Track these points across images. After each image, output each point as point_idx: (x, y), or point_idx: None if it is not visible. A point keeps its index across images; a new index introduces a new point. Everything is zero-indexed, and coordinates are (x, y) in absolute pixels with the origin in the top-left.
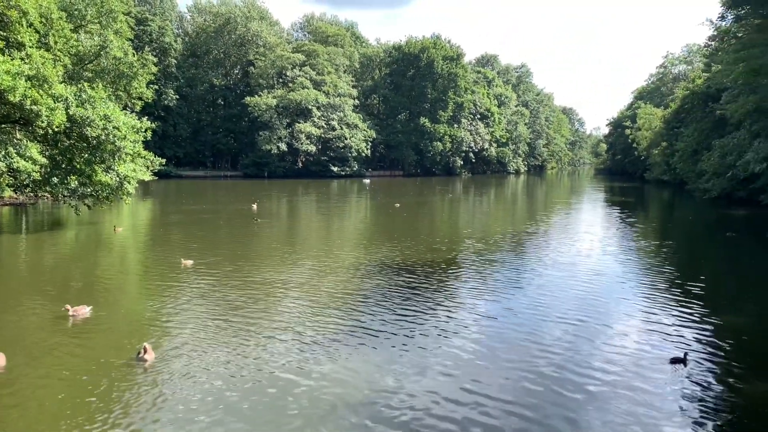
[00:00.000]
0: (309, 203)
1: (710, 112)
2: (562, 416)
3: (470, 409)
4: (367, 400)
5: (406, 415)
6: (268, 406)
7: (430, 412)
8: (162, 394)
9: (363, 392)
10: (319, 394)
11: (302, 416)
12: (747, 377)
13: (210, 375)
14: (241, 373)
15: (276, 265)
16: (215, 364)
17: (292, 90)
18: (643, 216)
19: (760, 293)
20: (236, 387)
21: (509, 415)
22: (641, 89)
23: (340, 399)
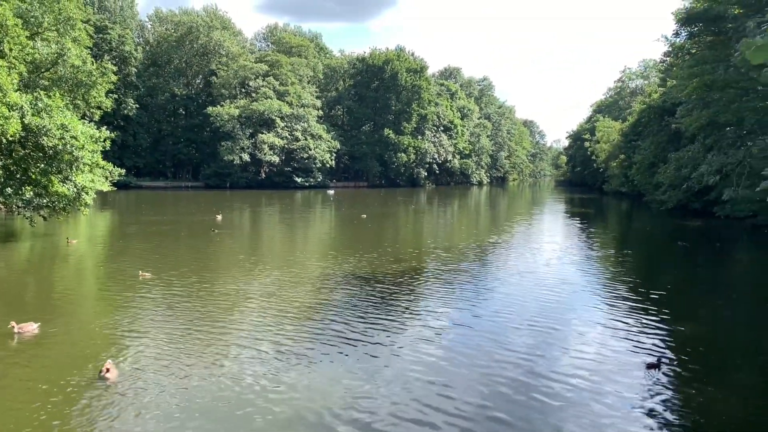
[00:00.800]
0: (272, 214)
1: (666, 126)
2: (529, 421)
3: (438, 415)
4: (334, 411)
5: (375, 423)
6: (233, 420)
7: (397, 420)
8: (125, 414)
9: (329, 403)
10: (285, 406)
11: (268, 429)
12: (703, 381)
13: (174, 391)
14: (207, 387)
15: (239, 277)
16: (179, 379)
17: (255, 100)
18: (603, 227)
19: (712, 300)
20: (202, 402)
21: (478, 420)
22: (600, 103)
23: (307, 410)
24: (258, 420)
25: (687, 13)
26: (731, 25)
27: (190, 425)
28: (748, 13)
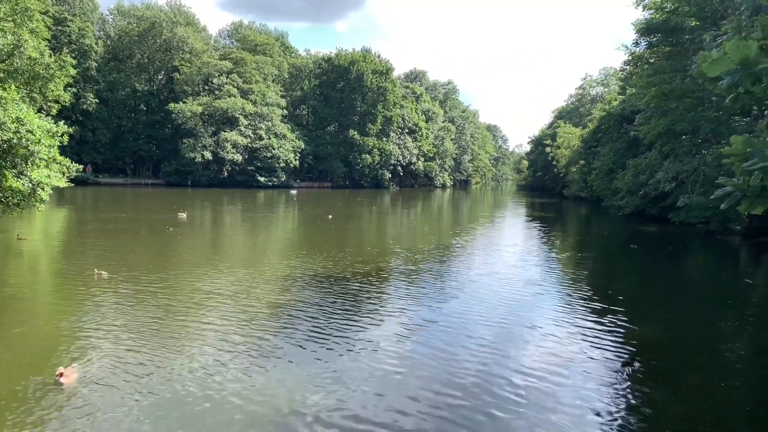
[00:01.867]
0: (235, 213)
1: (625, 133)
2: (491, 420)
3: (399, 416)
4: (297, 410)
5: (337, 422)
6: (196, 420)
7: (360, 418)
8: (81, 420)
9: (292, 402)
10: (248, 405)
11: (230, 429)
12: (657, 382)
13: (134, 393)
14: (168, 388)
15: (200, 276)
16: (138, 381)
17: (218, 98)
18: (562, 231)
19: (666, 302)
20: (163, 403)
21: (437, 418)
22: (561, 109)
23: (270, 410)
24: (221, 420)
25: (646, 24)
26: (688, 36)
27: (150, 427)
28: (704, 26)
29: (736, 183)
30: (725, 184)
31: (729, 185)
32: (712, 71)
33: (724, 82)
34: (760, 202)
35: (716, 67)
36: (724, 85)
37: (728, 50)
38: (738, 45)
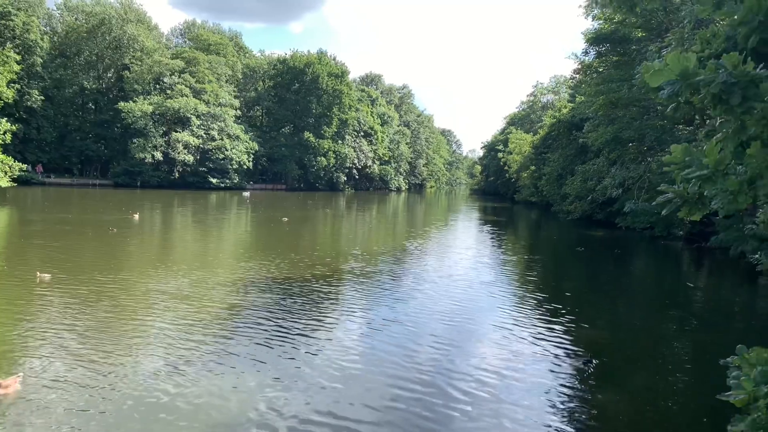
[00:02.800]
0: (186, 215)
1: (574, 140)
2: (446, 416)
3: (357, 415)
4: (248, 415)
5: (292, 427)
6: (148, 428)
7: (316, 422)
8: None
9: (247, 406)
10: (199, 411)
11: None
12: (603, 382)
13: (80, 401)
14: (115, 396)
15: (149, 279)
16: (84, 388)
17: (170, 97)
18: (514, 234)
19: (612, 304)
20: (111, 411)
21: (396, 419)
22: (513, 115)
23: (221, 415)
24: (176, 423)
25: (595, 34)
26: (635, 47)
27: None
28: (650, 37)
29: (676, 190)
30: (666, 191)
31: (670, 192)
32: (654, 81)
33: (664, 92)
34: (698, 208)
35: (657, 77)
36: (665, 95)
37: (669, 62)
38: (678, 57)
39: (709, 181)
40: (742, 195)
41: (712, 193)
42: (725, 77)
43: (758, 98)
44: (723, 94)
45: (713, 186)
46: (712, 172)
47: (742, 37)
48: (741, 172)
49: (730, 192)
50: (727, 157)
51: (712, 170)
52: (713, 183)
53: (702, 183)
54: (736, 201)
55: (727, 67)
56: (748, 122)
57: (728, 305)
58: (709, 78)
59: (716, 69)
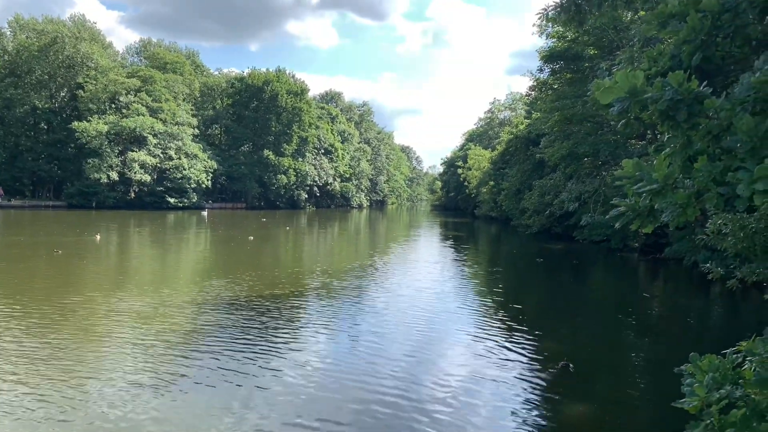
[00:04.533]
0: (144, 235)
1: (531, 155)
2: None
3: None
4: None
5: None
6: None
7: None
8: None
9: (206, 428)
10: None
11: None
12: (564, 394)
13: (37, 427)
14: (73, 420)
15: (105, 301)
16: (40, 413)
17: (125, 116)
18: (474, 249)
19: (571, 315)
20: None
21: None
22: (471, 132)
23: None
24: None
25: (550, 52)
26: (588, 64)
27: None
28: (602, 55)
29: (628, 204)
30: (619, 204)
31: (622, 206)
32: (604, 99)
33: (614, 109)
34: (650, 221)
35: (607, 95)
36: (615, 112)
37: (618, 79)
38: (626, 75)
39: (658, 194)
40: (690, 207)
41: (662, 206)
42: (671, 95)
43: (703, 114)
44: (670, 111)
45: (663, 199)
46: (662, 186)
47: (686, 56)
48: (689, 186)
49: (679, 205)
50: (676, 171)
51: (661, 184)
52: (663, 196)
53: (652, 197)
54: (684, 213)
55: (673, 84)
56: (694, 137)
57: (683, 314)
58: (656, 95)
59: (663, 87)
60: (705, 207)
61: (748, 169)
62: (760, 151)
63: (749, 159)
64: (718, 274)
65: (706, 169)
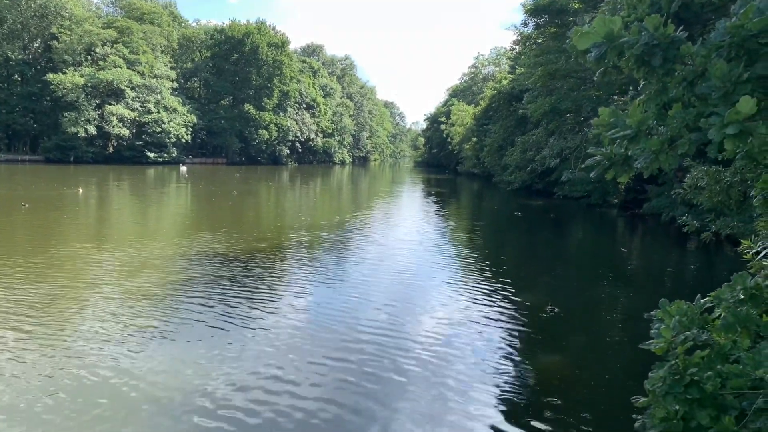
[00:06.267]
0: (123, 190)
1: (514, 111)
2: (377, 399)
3: (288, 398)
4: (184, 396)
5: (223, 409)
6: (87, 406)
7: (247, 404)
8: None
9: (178, 388)
10: (143, 388)
11: (117, 413)
12: (543, 347)
13: (19, 380)
14: (56, 375)
15: (80, 259)
16: (23, 367)
17: (102, 68)
18: (456, 205)
19: (551, 270)
20: (53, 390)
21: (327, 402)
22: (455, 87)
23: (165, 393)
24: (115, 403)
25: (534, 5)
26: (572, 18)
27: (41, 413)
28: (586, 8)
29: (603, 152)
30: (595, 153)
31: (598, 154)
32: (581, 44)
33: (591, 55)
34: (624, 170)
35: (585, 40)
36: (592, 58)
37: (595, 25)
38: (604, 20)
39: (633, 141)
40: (663, 154)
41: (635, 153)
42: (647, 39)
43: (678, 60)
44: (645, 56)
45: (637, 146)
46: (636, 132)
47: (665, 2)
48: (662, 133)
49: (652, 152)
50: (650, 117)
51: (635, 130)
52: (637, 143)
53: (627, 143)
54: (657, 160)
55: (649, 29)
56: (670, 84)
57: (659, 268)
58: (633, 40)
59: (639, 31)
60: (681, 161)
61: (720, 114)
62: (733, 96)
63: (722, 104)
64: (694, 227)
65: (679, 116)
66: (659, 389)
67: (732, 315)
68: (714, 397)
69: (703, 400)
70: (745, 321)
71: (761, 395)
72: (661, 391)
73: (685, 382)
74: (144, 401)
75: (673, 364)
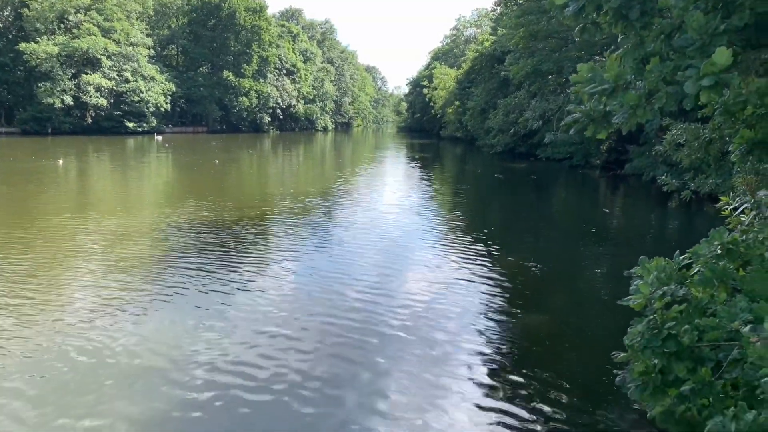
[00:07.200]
0: (104, 161)
1: (496, 73)
2: (365, 362)
3: (283, 358)
4: (181, 360)
5: (223, 371)
6: (74, 377)
7: (247, 366)
8: None
9: (176, 353)
10: (130, 358)
11: (106, 388)
12: (528, 301)
13: (5, 353)
14: (42, 345)
15: (66, 230)
16: (8, 339)
17: (76, 37)
18: (440, 169)
19: (533, 228)
20: (37, 361)
21: (317, 361)
22: (437, 50)
23: (153, 362)
24: (101, 372)
25: None
26: None
27: (24, 385)
28: None
29: (582, 109)
30: (574, 110)
31: (577, 111)
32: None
33: (569, 9)
34: (603, 126)
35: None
36: (570, 12)
37: None
38: None
39: (611, 95)
40: (641, 109)
41: (613, 108)
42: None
43: (656, 13)
44: (623, 9)
45: (614, 100)
46: (613, 87)
47: None
48: (640, 87)
49: (630, 106)
50: (627, 71)
51: (612, 85)
52: (614, 97)
53: (605, 98)
54: (635, 115)
55: None
56: (647, 38)
57: (641, 226)
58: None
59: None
60: (662, 120)
61: (696, 67)
62: (709, 48)
63: (698, 57)
64: (673, 185)
65: (657, 69)
66: (638, 344)
67: (709, 270)
68: (691, 349)
69: (680, 353)
70: (722, 275)
71: (736, 347)
72: (639, 346)
73: (663, 336)
74: (140, 370)
75: (651, 319)
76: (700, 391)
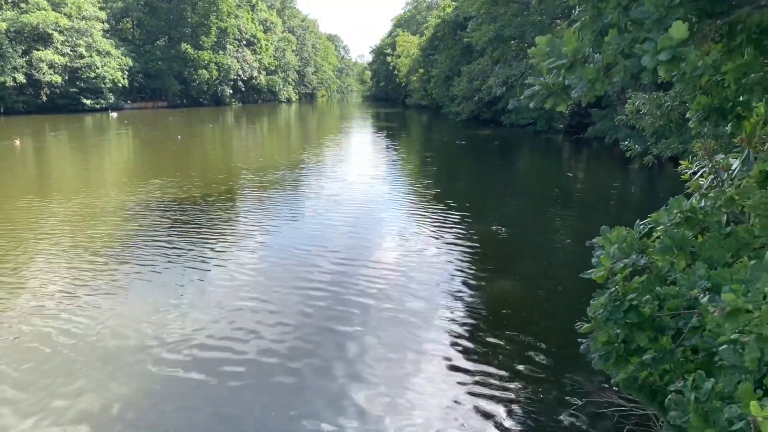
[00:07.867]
0: (61, 140)
1: (459, 40)
2: (347, 331)
3: (260, 336)
4: (161, 342)
5: (201, 350)
6: (41, 360)
7: (224, 343)
8: None
9: (143, 333)
10: (97, 340)
11: (91, 372)
12: (497, 267)
13: None
14: (14, 333)
15: (30, 212)
16: None
17: (25, 11)
18: (406, 139)
19: (499, 195)
20: (14, 351)
21: (293, 329)
22: (399, 17)
23: (120, 343)
24: (69, 356)
25: None
26: None
27: (1, 376)
28: None
29: (541, 82)
30: (533, 83)
31: (536, 84)
32: None
33: None
34: (562, 99)
35: None
36: None
37: None
38: None
39: (569, 70)
40: (599, 82)
41: (572, 82)
42: None
43: None
44: None
45: (573, 74)
46: (572, 61)
47: None
48: (598, 60)
49: (589, 80)
50: (586, 45)
51: (570, 59)
52: (573, 72)
53: (564, 72)
54: (593, 88)
55: None
56: (605, 9)
57: (604, 191)
58: None
59: None
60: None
61: (653, 40)
62: (666, 21)
63: (655, 29)
64: (636, 151)
65: (614, 42)
66: (600, 316)
67: (669, 237)
68: (652, 319)
69: (641, 323)
70: (681, 243)
71: (696, 314)
72: (602, 318)
73: (625, 307)
74: (126, 350)
75: (613, 291)
76: (661, 359)
